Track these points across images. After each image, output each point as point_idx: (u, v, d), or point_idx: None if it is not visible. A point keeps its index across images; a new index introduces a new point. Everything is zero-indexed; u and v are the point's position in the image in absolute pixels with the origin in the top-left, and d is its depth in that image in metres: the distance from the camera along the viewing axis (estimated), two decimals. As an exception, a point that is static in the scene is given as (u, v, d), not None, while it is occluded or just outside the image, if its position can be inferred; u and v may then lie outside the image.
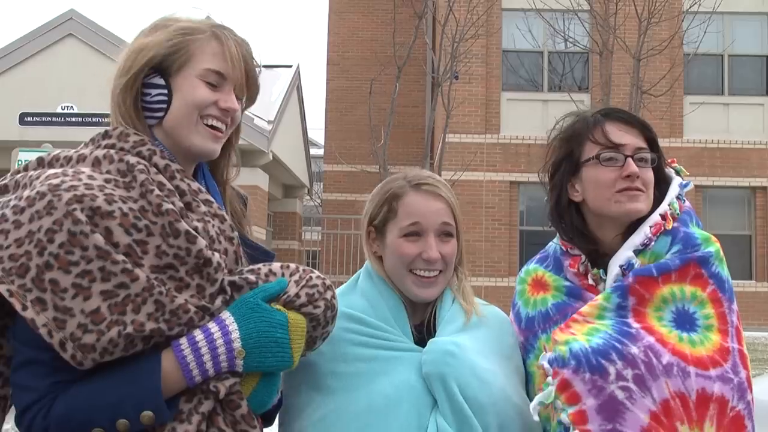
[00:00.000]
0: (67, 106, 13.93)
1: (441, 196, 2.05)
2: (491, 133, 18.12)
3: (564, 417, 1.87)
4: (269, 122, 15.22)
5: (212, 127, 1.76)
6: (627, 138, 2.07)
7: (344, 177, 20.74)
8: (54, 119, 13.98)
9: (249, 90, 1.84)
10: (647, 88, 13.49)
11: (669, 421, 1.83)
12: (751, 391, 1.93)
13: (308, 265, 1.84)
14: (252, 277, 1.70)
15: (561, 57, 18.42)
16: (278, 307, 1.69)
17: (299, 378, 1.92)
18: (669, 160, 2.18)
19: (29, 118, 13.99)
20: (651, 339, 1.90)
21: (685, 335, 1.92)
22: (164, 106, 1.73)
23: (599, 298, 2.01)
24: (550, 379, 1.92)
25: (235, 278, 1.69)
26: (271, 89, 16.71)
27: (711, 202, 17.90)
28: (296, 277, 1.75)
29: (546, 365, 1.94)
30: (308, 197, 24.20)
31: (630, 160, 2.05)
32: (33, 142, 11.14)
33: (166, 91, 1.73)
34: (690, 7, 14.15)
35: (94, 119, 13.47)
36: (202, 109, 1.74)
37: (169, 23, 1.77)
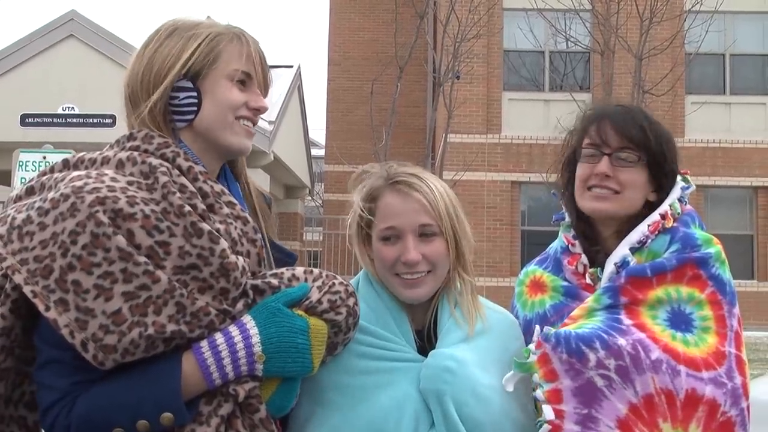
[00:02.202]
0: (69, 107, 13.85)
1: (419, 194, 1.92)
2: (492, 133, 18.11)
3: (539, 393, 1.85)
4: (270, 123, 15.17)
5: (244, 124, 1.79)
6: (611, 136, 2.04)
7: (345, 177, 20.68)
8: (55, 120, 13.88)
9: (266, 89, 1.87)
10: (649, 88, 13.45)
11: (650, 417, 1.81)
12: (747, 399, 1.88)
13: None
14: (275, 282, 1.70)
15: (562, 57, 18.42)
16: (300, 312, 1.68)
17: (301, 389, 1.81)
18: (682, 171, 2.17)
19: (30, 119, 13.91)
20: (642, 335, 1.87)
21: (678, 334, 1.89)
22: (194, 108, 1.75)
23: (589, 301, 1.99)
24: (532, 347, 1.88)
25: (258, 282, 1.68)
26: (272, 89, 16.64)
27: (712, 201, 17.89)
28: (319, 282, 1.75)
29: (536, 330, 1.91)
30: (309, 198, 24.19)
31: (605, 158, 2.04)
32: (34, 143, 11.07)
33: (195, 94, 1.74)
34: (692, 7, 14.12)
35: (95, 120, 13.39)
36: (236, 110, 1.76)
37: (193, 29, 1.78)
